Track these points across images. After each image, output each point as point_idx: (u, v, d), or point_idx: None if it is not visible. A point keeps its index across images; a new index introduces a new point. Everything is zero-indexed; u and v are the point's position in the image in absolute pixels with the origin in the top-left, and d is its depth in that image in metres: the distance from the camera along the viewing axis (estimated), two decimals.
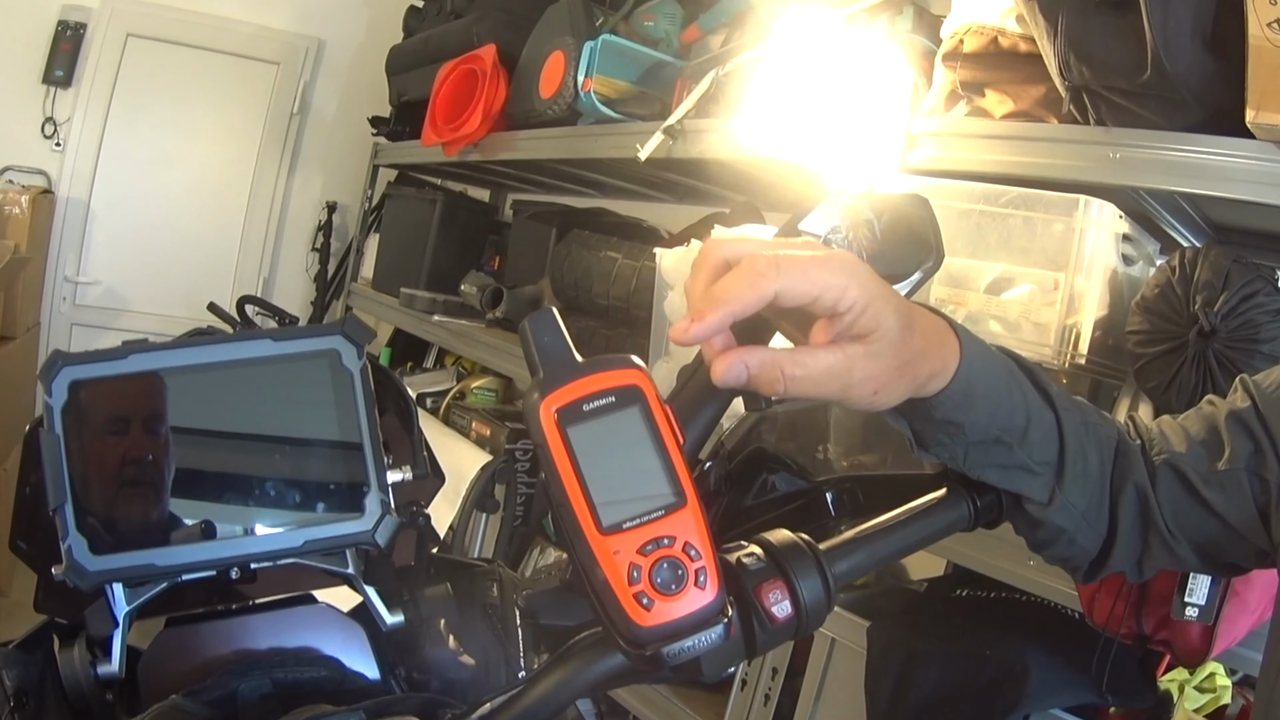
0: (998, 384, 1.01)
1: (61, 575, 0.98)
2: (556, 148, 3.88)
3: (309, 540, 1.06)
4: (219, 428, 1.08)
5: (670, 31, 3.63)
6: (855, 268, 0.83)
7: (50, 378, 0.99)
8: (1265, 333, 1.81)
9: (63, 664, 1.08)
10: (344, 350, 1.08)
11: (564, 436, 0.76)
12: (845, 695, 2.42)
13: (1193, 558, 1.18)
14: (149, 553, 1.01)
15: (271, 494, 1.07)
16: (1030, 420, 1.04)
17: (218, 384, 1.06)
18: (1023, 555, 2.05)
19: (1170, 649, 1.85)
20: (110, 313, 6.38)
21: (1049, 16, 2.01)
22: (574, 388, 0.78)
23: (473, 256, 5.15)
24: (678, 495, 0.78)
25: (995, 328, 2.16)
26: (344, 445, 1.08)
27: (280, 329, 1.11)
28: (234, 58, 6.39)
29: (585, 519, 0.75)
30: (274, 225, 6.71)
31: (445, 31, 4.82)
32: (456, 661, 1.23)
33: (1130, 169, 2.00)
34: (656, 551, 0.76)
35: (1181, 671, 2.20)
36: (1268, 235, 2.41)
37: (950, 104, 2.44)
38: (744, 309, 0.80)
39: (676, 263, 2.82)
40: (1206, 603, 1.66)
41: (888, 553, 1.01)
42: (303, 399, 1.09)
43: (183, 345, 1.05)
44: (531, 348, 0.80)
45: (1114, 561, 1.17)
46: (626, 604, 0.75)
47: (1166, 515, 1.14)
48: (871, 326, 0.85)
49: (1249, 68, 1.75)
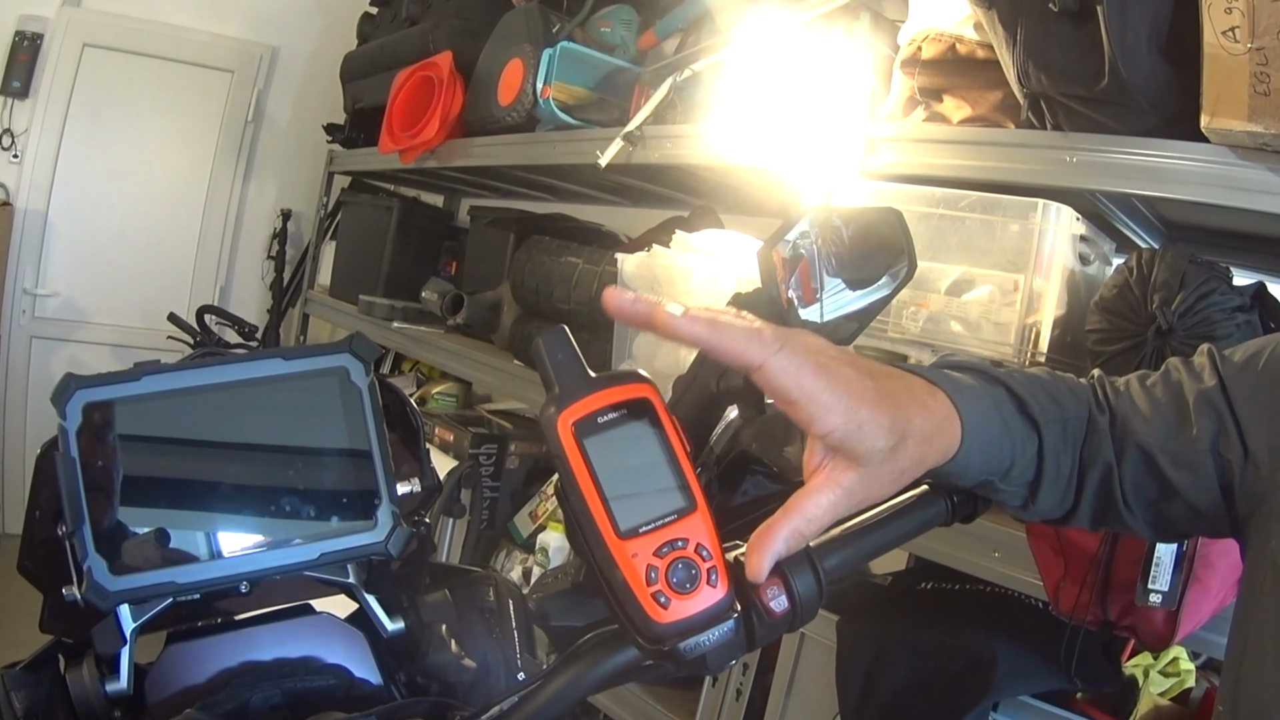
0: (991, 443, 1.04)
1: (83, 596, 1.00)
2: (515, 154, 3.90)
3: (325, 553, 1.09)
4: (232, 446, 1.10)
5: (626, 38, 3.65)
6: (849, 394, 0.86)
7: (64, 401, 1.01)
8: (1221, 330, 1.86)
9: (72, 683, 1.09)
10: (352, 367, 1.11)
11: (581, 448, 0.80)
12: (816, 688, 2.46)
13: (1146, 530, 1.23)
14: (169, 571, 1.03)
15: (286, 509, 1.09)
16: (1014, 459, 1.08)
17: (231, 403, 1.08)
18: (986, 547, 2.11)
19: (1136, 634, 1.89)
20: (69, 324, 6.32)
21: (1008, 26, 2.06)
22: (589, 402, 0.82)
23: (429, 262, 5.17)
24: (688, 500, 0.82)
25: (956, 328, 2.21)
26: (354, 459, 1.11)
27: (290, 348, 1.14)
28: (189, 66, 6.35)
29: (605, 525, 0.79)
30: (229, 234, 6.66)
31: (400, 38, 4.82)
32: (458, 665, 1.25)
33: (1087, 173, 2.06)
34: (671, 553, 0.80)
35: (1145, 656, 2.26)
36: (1220, 232, 2.48)
37: (908, 109, 2.48)
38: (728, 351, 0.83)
39: (638, 267, 2.86)
40: (1170, 589, 1.70)
41: (873, 548, 1.04)
42: (313, 416, 1.11)
43: (195, 366, 1.08)
44: (546, 365, 0.83)
45: (1074, 522, 1.22)
46: (645, 603, 0.79)
47: (1127, 491, 1.19)
48: (855, 450, 0.87)
49: (1204, 75, 1.81)
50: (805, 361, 0.84)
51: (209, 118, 6.53)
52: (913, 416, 0.92)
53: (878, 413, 0.87)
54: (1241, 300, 1.91)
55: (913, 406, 0.93)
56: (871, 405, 0.87)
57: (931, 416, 0.95)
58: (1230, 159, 1.86)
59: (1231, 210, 1.91)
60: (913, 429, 0.91)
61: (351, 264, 5.40)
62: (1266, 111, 1.74)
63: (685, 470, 0.83)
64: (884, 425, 0.87)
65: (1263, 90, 1.74)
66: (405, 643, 1.24)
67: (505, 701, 0.88)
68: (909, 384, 0.96)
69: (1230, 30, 1.75)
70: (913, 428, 0.91)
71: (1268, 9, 1.71)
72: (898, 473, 0.91)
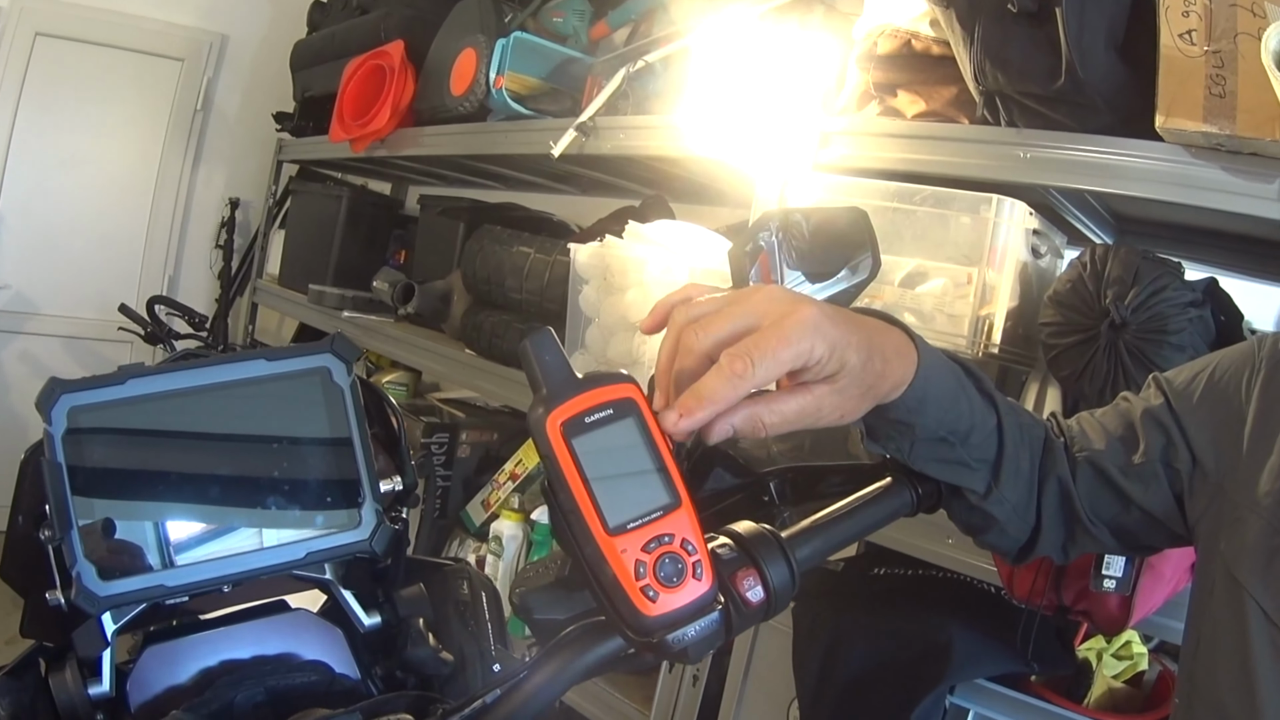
0: (948, 391, 1.11)
1: (72, 602, 1.00)
2: (467, 144, 3.90)
3: (311, 552, 1.10)
4: (217, 447, 1.11)
5: (579, 28, 3.67)
6: (818, 324, 0.92)
7: (49, 406, 1.01)
8: (1174, 324, 1.91)
9: (55, 687, 1.10)
10: (334, 367, 1.13)
11: (570, 447, 0.83)
12: (772, 674, 2.49)
13: (1112, 542, 1.31)
14: (158, 574, 1.04)
15: (272, 509, 1.10)
16: (974, 424, 1.14)
17: (215, 405, 1.09)
18: (941, 534, 2.15)
19: (1091, 619, 1.94)
20: (20, 317, 6.25)
21: (966, 25, 2.10)
22: (576, 402, 0.84)
23: (378, 251, 5.16)
24: (673, 496, 0.85)
25: (911, 319, 2.23)
26: (338, 458, 1.12)
27: (273, 349, 1.14)
28: (139, 55, 6.28)
29: (594, 521, 0.82)
30: (178, 223, 6.61)
31: (351, 27, 4.81)
32: (436, 658, 1.27)
33: (1040, 168, 2.10)
34: (659, 548, 0.83)
35: (1099, 640, 2.30)
36: (1171, 227, 2.55)
37: (863, 104, 2.51)
38: (727, 404, 0.88)
39: (591, 257, 2.87)
40: (1123, 575, 1.74)
41: (842, 538, 1.09)
42: (296, 416, 1.12)
43: (179, 369, 1.08)
44: (534, 366, 0.85)
45: (1040, 547, 1.29)
46: (634, 597, 0.82)
47: (1085, 505, 1.27)
48: (836, 369, 0.94)
49: (1160, 76, 1.86)
50: (774, 344, 0.89)
51: (159, 106, 6.46)
52: (874, 336, 0.99)
53: (846, 332, 0.94)
54: (1194, 296, 1.95)
55: (872, 330, 1.00)
56: (840, 325, 0.94)
57: (889, 340, 1.03)
58: (1184, 158, 1.90)
59: (1185, 207, 1.95)
60: (876, 348, 0.99)
61: (301, 253, 5.38)
62: (1221, 113, 1.79)
63: (670, 467, 0.86)
64: (853, 343, 0.95)
65: (1218, 92, 1.79)
66: (381, 637, 1.25)
67: (489, 694, 0.90)
68: (862, 315, 1.02)
69: (1187, 33, 1.80)
70: (875, 346, 0.99)
71: (1225, 13, 1.77)
72: (864, 389, 0.99)
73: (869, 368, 0.97)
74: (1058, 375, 2.09)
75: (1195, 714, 1.20)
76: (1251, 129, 1.77)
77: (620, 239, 2.85)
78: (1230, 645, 1.15)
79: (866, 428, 1.11)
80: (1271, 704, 1.09)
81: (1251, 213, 1.85)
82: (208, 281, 6.66)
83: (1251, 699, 1.10)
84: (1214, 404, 1.25)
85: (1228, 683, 1.14)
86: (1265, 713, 1.09)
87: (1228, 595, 1.16)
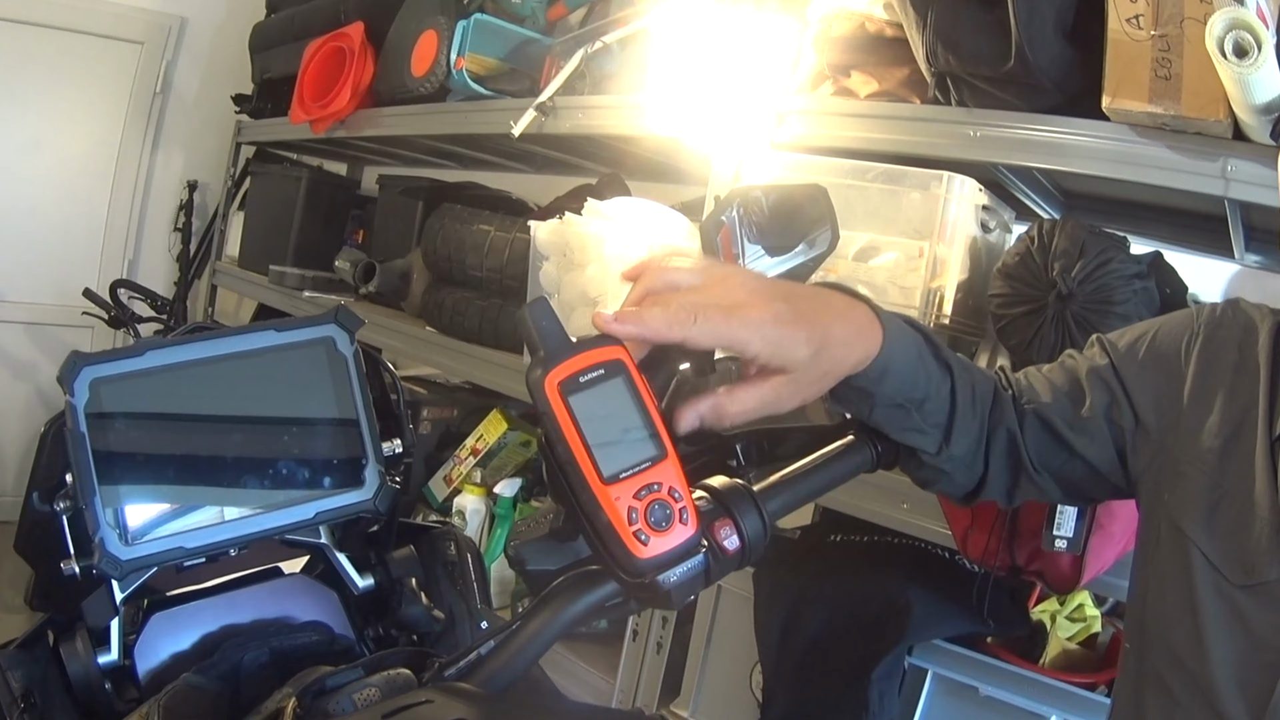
0: (908, 364, 1.18)
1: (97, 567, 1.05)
2: (428, 124, 3.95)
3: (319, 512, 1.17)
4: (229, 415, 1.17)
5: (537, 9, 3.69)
6: (762, 325, 1.00)
7: (71, 378, 1.06)
8: (1119, 295, 1.99)
9: (67, 657, 1.15)
10: (338, 337, 1.20)
11: (567, 404, 0.90)
12: (734, 639, 2.56)
13: (1056, 490, 1.40)
14: (177, 537, 1.10)
15: (282, 473, 1.17)
16: (929, 393, 1.22)
17: (226, 376, 1.15)
18: (896, 499, 2.22)
19: (1043, 579, 2.01)
20: None
21: (919, 9, 2.16)
22: (571, 364, 0.91)
23: (337, 232, 5.19)
24: (659, 449, 0.92)
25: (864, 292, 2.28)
26: (342, 423, 1.19)
27: (281, 320, 1.21)
28: (97, 38, 6.21)
29: (590, 471, 0.89)
30: (137, 206, 6.55)
31: (311, 9, 4.83)
32: (428, 617, 1.33)
33: (989, 147, 2.17)
34: (649, 496, 0.90)
35: (1052, 602, 2.38)
36: (1117, 202, 2.63)
37: (817, 84, 2.57)
38: (654, 338, 0.97)
39: (551, 234, 2.93)
40: (1074, 535, 1.80)
41: (808, 491, 1.17)
42: (303, 384, 1.19)
43: (194, 340, 1.14)
44: (532, 331, 0.92)
45: (987, 492, 1.37)
46: (628, 541, 0.89)
47: (1032, 455, 1.35)
48: (782, 364, 1.03)
49: (1107, 58, 1.93)
50: (718, 318, 0.98)
51: (117, 90, 6.40)
52: (830, 325, 1.07)
53: (793, 329, 1.02)
54: (1139, 268, 2.03)
55: (829, 317, 1.08)
56: (788, 323, 1.02)
57: (850, 324, 1.10)
58: (1130, 136, 1.98)
59: (1131, 184, 2.03)
60: (831, 336, 1.06)
61: (260, 234, 5.38)
62: (1167, 94, 1.87)
63: (656, 421, 0.93)
64: (800, 338, 1.03)
65: (1164, 75, 1.86)
66: (375, 599, 1.31)
67: (483, 646, 0.96)
68: (828, 300, 1.11)
69: (1135, 18, 1.87)
70: (831, 335, 1.06)
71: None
72: (821, 374, 1.07)
73: (821, 358, 1.05)
74: (1006, 344, 2.16)
75: (1146, 659, 1.27)
76: (1196, 110, 1.84)
77: (579, 216, 2.90)
78: (1177, 591, 1.23)
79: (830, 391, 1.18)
80: (1217, 643, 1.17)
81: (1196, 189, 1.91)
82: (167, 264, 6.62)
83: (1199, 640, 1.18)
84: (1156, 366, 1.33)
85: (1176, 627, 1.22)
86: (1212, 653, 1.17)
87: (1172, 544, 1.25)
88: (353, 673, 1.00)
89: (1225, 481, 1.22)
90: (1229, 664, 1.16)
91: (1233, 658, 1.16)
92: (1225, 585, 1.18)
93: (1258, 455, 1.21)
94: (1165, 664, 1.23)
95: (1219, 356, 1.30)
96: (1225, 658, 1.16)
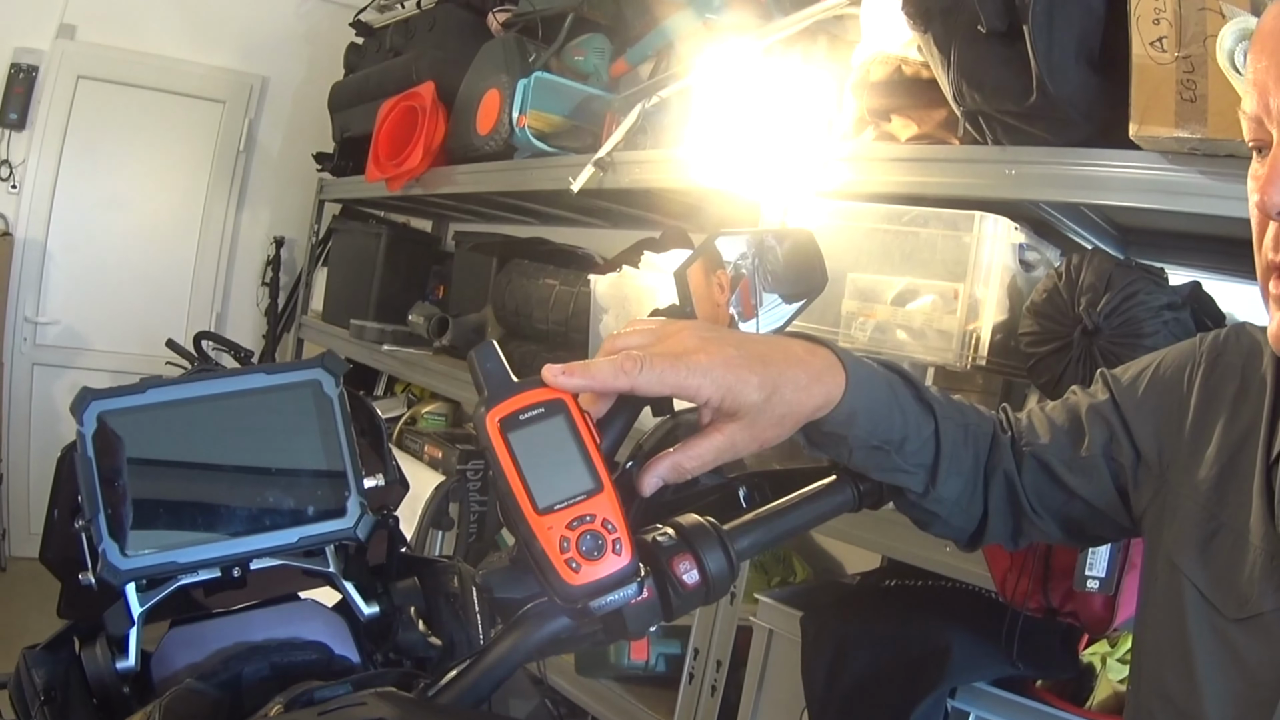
0: (879, 406, 1.18)
1: (97, 576, 1.14)
2: (494, 181, 4.03)
3: (303, 537, 1.24)
4: (224, 450, 1.25)
5: (599, 66, 3.77)
6: (710, 369, 1.03)
7: (81, 410, 1.15)
8: (1148, 327, 1.94)
9: (87, 661, 1.23)
10: (324, 380, 1.27)
11: (505, 440, 0.95)
12: (786, 682, 2.56)
13: (1058, 532, 1.38)
14: (170, 553, 1.18)
15: (271, 501, 1.24)
16: (908, 434, 1.22)
17: (222, 413, 1.23)
18: (940, 543, 2.19)
19: (1077, 620, 2.00)
20: (70, 351, 6.41)
21: (942, 48, 2.16)
22: (512, 402, 0.97)
23: (418, 286, 5.26)
24: (595, 483, 0.96)
25: (902, 336, 2.31)
26: (328, 458, 1.26)
27: (271, 364, 1.29)
28: (181, 97, 6.44)
29: (525, 503, 0.93)
30: (224, 261, 6.75)
31: (385, 69, 4.94)
32: (425, 643, 1.39)
33: (1025, 184, 2.16)
34: (581, 526, 0.94)
35: (1103, 644, 2.35)
36: (1173, 235, 2.56)
37: (860, 129, 2.58)
38: (600, 388, 1.01)
39: (610, 288, 2.98)
40: (1106, 574, 1.79)
41: (783, 530, 1.19)
42: (291, 422, 1.27)
43: (192, 380, 1.23)
44: (477, 372, 0.99)
45: (989, 536, 1.37)
46: (560, 568, 0.92)
47: (1030, 498, 1.34)
48: (734, 408, 1.05)
49: (1133, 84, 1.89)
50: (665, 364, 1.01)
51: (202, 147, 6.61)
52: (784, 370, 1.09)
53: (744, 373, 1.05)
54: (1171, 299, 1.98)
55: (784, 363, 1.09)
56: (737, 369, 1.04)
57: (807, 369, 1.12)
58: (1162, 164, 1.94)
59: (1168, 213, 2.01)
60: (785, 380, 1.08)
61: (343, 289, 5.50)
62: (1193, 117, 1.82)
63: (594, 458, 0.97)
64: (751, 383, 1.05)
65: (1189, 97, 1.82)
66: (380, 625, 1.37)
67: (458, 668, 1.02)
68: (783, 345, 1.13)
69: (1158, 40, 1.84)
70: (784, 379, 1.08)
71: (1194, 17, 1.80)
72: (777, 419, 1.09)
73: (774, 401, 1.07)
74: (1037, 383, 2.13)
75: (1142, 697, 1.26)
76: (1222, 131, 1.79)
77: (637, 269, 2.95)
78: (1169, 629, 1.21)
79: (805, 438, 1.20)
80: (1210, 681, 1.15)
81: (1232, 214, 1.83)
82: (255, 318, 6.79)
83: (1190, 676, 1.16)
84: (1158, 397, 1.32)
85: (1169, 663, 1.20)
86: (1203, 688, 1.15)
87: (1167, 580, 1.23)
88: (341, 687, 1.06)
89: (1222, 512, 1.20)
90: (1222, 703, 1.14)
91: (1227, 697, 1.14)
92: (1219, 620, 1.16)
93: (1255, 480, 1.19)
94: (1159, 704, 1.22)
95: (1222, 384, 1.28)
96: (1219, 697, 1.14)
